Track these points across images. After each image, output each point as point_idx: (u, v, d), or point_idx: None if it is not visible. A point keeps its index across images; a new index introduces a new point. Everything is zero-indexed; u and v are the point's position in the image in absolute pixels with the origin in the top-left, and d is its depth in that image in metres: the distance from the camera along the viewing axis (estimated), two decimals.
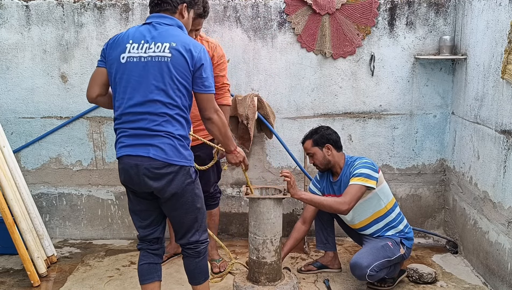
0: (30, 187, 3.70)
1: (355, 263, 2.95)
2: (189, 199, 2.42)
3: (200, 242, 2.53)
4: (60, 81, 3.81)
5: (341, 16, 3.70)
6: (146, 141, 2.32)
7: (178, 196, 2.38)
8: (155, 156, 2.30)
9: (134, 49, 2.34)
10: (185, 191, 2.39)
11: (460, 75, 3.69)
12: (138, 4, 3.69)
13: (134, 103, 2.32)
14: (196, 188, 2.45)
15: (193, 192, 2.43)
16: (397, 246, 3.08)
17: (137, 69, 2.32)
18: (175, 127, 2.33)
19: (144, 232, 2.55)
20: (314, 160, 3.18)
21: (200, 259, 2.55)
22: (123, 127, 2.38)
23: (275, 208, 2.91)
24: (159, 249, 2.60)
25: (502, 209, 2.99)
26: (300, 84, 3.83)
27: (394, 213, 3.15)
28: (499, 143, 3.02)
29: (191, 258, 2.54)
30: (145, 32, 2.37)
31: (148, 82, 2.30)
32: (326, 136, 3.14)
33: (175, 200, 2.40)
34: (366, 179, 2.97)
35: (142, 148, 2.32)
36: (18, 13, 3.70)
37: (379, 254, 2.99)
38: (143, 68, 2.31)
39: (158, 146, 2.30)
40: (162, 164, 2.31)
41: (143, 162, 2.31)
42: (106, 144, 3.91)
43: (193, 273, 2.57)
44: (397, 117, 3.89)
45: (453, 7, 3.72)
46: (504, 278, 2.96)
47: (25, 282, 3.27)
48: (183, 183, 2.37)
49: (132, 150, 2.34)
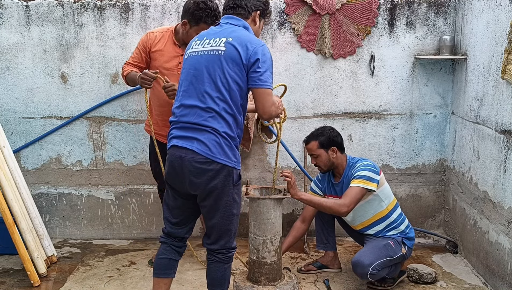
0: (30, 187, 3.70)
1: (357, 261, 2.95)
2: (226, 203, 2.37)
3: (233, 248, 2.50)
4: (60, 81, 3.81)
5: (341, 16, 3.70)
6: (192, 134, 2.32)
7: (216, 196, 2.34)
8: (198, 150, 2.28)
9: (196, 45, 2.42)
10: (223, 193, 2.34)
11: (460, 75, 3.69)
12: (138, 4, 3.69)
13: (188, 96, 2.36)
14: (236, 193, 2.39)
15: (231, 196, 2.37)
16: (398, 245, 3.08)
17: (194, 62, 2.39)
18: (221, 124, 2.30)
19: (172, 228, 2.54)
20: (317, 161, 3.16)
21: (229, 265, 2.51)
22: (175, 121, 2.41)
23: (275, 208, 2.91)
24: (182, 247, 2.59)
25: (502, 209, 2.99)
26: (300, 84, 3.83)
27: (395, 214, 3.15)
28: (499, 143, 3.02)
29: (220, 264, 2.48)
30: (210, 31, 2.45)
31: (202, 75, 2.34)
32: (332, 138, 3.13)
33: (212, 201, 2.35)
34: (367, 181, 2.97)
35: (188, 141, 2.32)
36: (18, 13, 3.70)
37: (381, 253, 2.99)
38: (198, 61, 2.37)
39: (202, 141, 2.29)
40: (205, 159, 2.28)
41: (187, 155, 2.30)
42: (106, 144, 3.91)
43: (220, 280, 2.50)
44: (397, 117, 3.89)
45: (453, 7, 3.72)
46: (504, 278, 2.96)
47: (25, 282, 3.26)
48: (223, 184, 2.32)
49: (179, 141, 2.34)
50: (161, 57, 3.16)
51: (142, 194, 3.99)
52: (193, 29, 3.02)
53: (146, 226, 4.05)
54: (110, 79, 3.80)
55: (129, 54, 3.71)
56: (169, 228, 2.55)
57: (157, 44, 3.18)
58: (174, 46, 3.17)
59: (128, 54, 3.71)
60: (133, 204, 4.01)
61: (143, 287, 3.22)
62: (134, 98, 3.83)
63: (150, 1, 3.68)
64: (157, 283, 2.57)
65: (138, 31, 3.71)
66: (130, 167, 3.93)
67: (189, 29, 3.04)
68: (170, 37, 3.19)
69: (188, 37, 3.05)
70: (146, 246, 3.89)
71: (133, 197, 4.00)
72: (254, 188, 3.04)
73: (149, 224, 4.04)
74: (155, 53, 3.18)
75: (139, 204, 4.01)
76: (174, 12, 3.69)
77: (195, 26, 3.01)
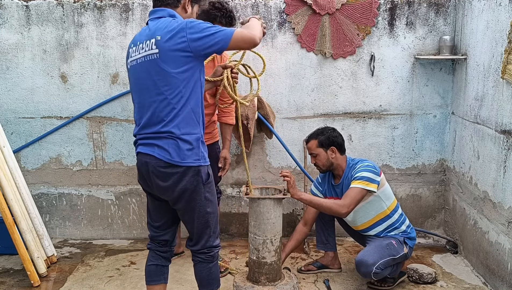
0: (30, 187, 3.70)
1: (361, 260, 2.95)
2: (199, 203, 2.35)
3: (214, 247, 2.47)
4: (60, 81, 3.81)
5: (341, 16, 3.70)
6: (153, 141, 2.30)
7: (188, 198, 2.32)
8: (160, 156, 2.27)
9: (133, 52, 2.35)
10: (194, 193, 2.32)
11: (460, 75, 3.69)
12: (138, 4, 3.69)
13: (142, 108, 2.32)
14: (207, 191, 2.36)
15: (203, 195, 2.34)
16: (400, 245, 3.08)
17: (136, 72, 2.32)
18: (178, 127, 2.26)
19: (154, 232, 2.54)
20: (316, 161, 3.17)
21: (214, 264, 2.50)
22: (137, 133, 2.39)
23: (275, 208, 2.91)
24: (167, 251, 2.58)
25: (502, 209, 2.99)
26: (300, 84, 3.83)
27: (396, 214, 3.15)
28: (499, 143, 3.02)
29: (204, 264, 2.47)
30: (142, 32, 2.35)
31: (147, 84, 2.28)
32: (332, 138, 3.13)
33: (185, 203, 2.34)
34: (367, 182, 2.97)
35: (150, 147, 2.30)
36: (18, 13, 3.70)
37: (384, 252, 2.99)
38: (139, 71, 2.30)
39: (162, 146, 2.27)
40: (166, 164, 2.27)
41: (151, 160, 2.30)
42: (106, 144, 3.91)
43: (206, 279, 2.49)
44: (397, 117, 3.89)
45: (453, 7, 3.72)
46: (504, 278, 2.96)
47: (25, 282, 3.27)
48: (192, 184, 2.29)
49: (143, 148, 2.34)
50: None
51: (142, 194, 3.99)
52: None
53: (146, 226, 4.04)
54: (110, 79, 3.80)
55: None
56: (152, 232, 2.56)
57: None
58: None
59: None
60: (133, 204, 4.01)
61: (143, 287, 3.21)
62: None
63: (150, 1, 3.68)
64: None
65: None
66: (130, 167, 3.93)
67: None
68: None
69: None
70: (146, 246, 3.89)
71: (133, 197, 4.00)
72: (254, 188, 3.04)
73: None
74: None
75: (139, 204, 4.01)
76: None
77: None
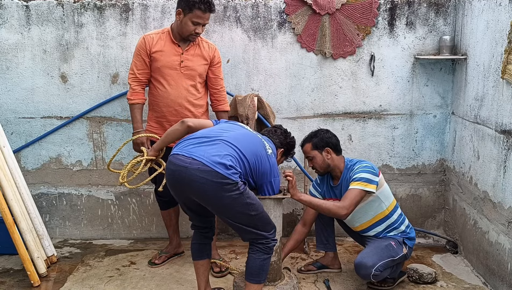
0: (30, 187, 3.70)
1: (360, 263, 2.95)
2: (242, 210, 2.52)
3: (272, 239, 2.65)
4: (60, 81, 3.81)
5: (341, 16, 3.70)
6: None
7: (229, 207, 2.51)
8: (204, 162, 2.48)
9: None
10: (235, 203, 2.49)
11: (460, 75, 3.69)
12: (138, 4, 3.69)
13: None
14: (247, 197, 2.52)
15: (244, 201, 2.51)
16: (400, 245, 3.08)
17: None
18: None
19: (195, 225, 2.83)
20: (313, 163, 3.17)
21: (268, 257, 2.65)
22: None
23: (275, 208, 2.91)
24: (209, 232, 2.84)
25: (502, 209, 2.99)
26: (300, 84, 3.83)
27: (395, 214, 3.15)
28: (499, 143, 3.02)
29: (260, 253, 2.62)
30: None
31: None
32: (325, 139, 3.13)
33: (228, 213, 2.55)
34: (366, 183, 2.97)
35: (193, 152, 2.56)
36: (18, 13, 3.70)
37: (383, 253, 2.99)
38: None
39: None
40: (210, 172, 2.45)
41: (192, 165, 2.45)
42: (106, 144, 3.91)
43: (258, 270, 2.63)
44: (397, 117, 3.89)
45: (453, 7, 3.72)
46: (504, 278, 2.96)
47: (25, 282, 3.26)
48: (230, 196, 2.46)
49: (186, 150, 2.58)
50: (162, 57, 3.17)
51: (142, 194, 3.99)
52: (188, 16, 3.06)
53: (146, 226, 4.05)
54: (110, 79, 3.80)
55: (129, 54, 3.72)
56: (193, 222, 2.85)
57: (155, 45, 3.19)
58: (173, 45, 3.20)
59: (128, 54, 3.72)
60: (133, 204, 4.01)
61: (143, 287, 3.22)
62: None
63: (150, 1, 3.68)
64: (195, 265, 2.85)
65: (138, 31, 3.71)
66: None
67: (184, 17, 3.07)
68: (168, 37, 3.21)
69: (183, 27, 3.09)
70: (146, 246, 3.89)
71: (133, 197, 4.00)
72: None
73: (149, 224, 4.04)
74: (155, 54, 3.19)
75: (139, 204, 4.01)
76: (174, 12, 3.69)
77: (189, 13, 3.04)
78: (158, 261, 3.53)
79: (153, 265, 3.52)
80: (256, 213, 2.56)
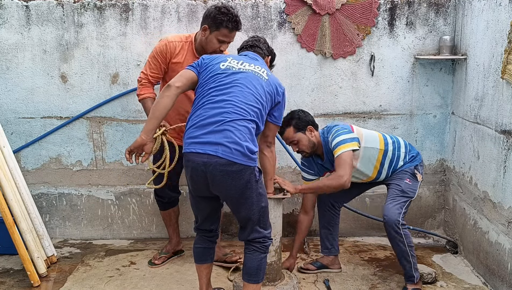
0: (30, 187, 3.70)
1: (387, 222, 2.95)
2: (255, 199, 2.54)
3: (268, 237, 2.66)
4: (60, 81, 3.81)
5: (341, 16, 3.70)
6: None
7: (243, 194, 2.51)
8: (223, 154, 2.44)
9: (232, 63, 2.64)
10: (250, 191, 2.51)
11: (460, 75, 3.69)
12: (138, 4, 3.69)
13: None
14: (260, 187, 2.57)
15: (257, 191, 2.54)
16: (413, 178, 3.12)
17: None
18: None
19: (201, 224, 2.78)
20: (299, 146, 3.07)
21: (265, 256, 2.67)
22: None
23: (275, 208, 2.91)
24: (213, 236, 2.82)
25: (502, 209, 2.99)
26: (300, 84, 3.83)
27: (389, 145, 3.15)
28: (499, 143, 3.02)
29: (257, 253, 2.63)
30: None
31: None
32: (304, 118, 3.06)
33: (240, 199, 2.54)
34: (347, 144, 2.93)
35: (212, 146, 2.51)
36: (18, 13, 3.70)
37: (400, 200, 3.02)
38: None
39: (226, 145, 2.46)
40: (228, 162, 2.43)
41: (210, 160, 2.44)
42: (106, 144, 3.91)
43: (256, 269, 2.64)
44: (397, 117, 3.89)
45: (453, 7, 3.72)
46: (504, 278, 2.96)
47: (25, 282, 3.27)
48: (246, 183, 2.48)
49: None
50: (180, 69, 3.05)
51: (142, 194, 3.99)
52: (214, 34, 3.00)
53: (146, 226, 4.05)
54: (110, 79, 3.80)
55: (129, 54, 3.72)
56: (198, 224, 2.80)
57: (177, 56, 3.14)
58: (194, 58, 3.12)
59: (128, 54, 3.72)
60: (133, 204, 4.01)
61: (143, 287, 3.22)
62: (134, 98, 3.81)
63: (150, 1, 3.68)
64: (198, 268, 2.85)
65: (138, 31, 3.71)
66: (130, 167, 3.93)
67: (209, 34, 3.01)
68: (190, 48, 3.16)
69: (208, 43, 3.04)
70: (146, 246, 3.90)
71: (133, 197, 4.00)
72: None
73: (149, 224, 4.05)
74: (174, 65, 3.14)
75: (139, 204, 4.01)
76: (174, 12, 3.69)
77: (216, 31, 2.99)
78: (158, 261, 3.53)
79: (153, 265, 3.52)
80: (265, 205, 2.61)
